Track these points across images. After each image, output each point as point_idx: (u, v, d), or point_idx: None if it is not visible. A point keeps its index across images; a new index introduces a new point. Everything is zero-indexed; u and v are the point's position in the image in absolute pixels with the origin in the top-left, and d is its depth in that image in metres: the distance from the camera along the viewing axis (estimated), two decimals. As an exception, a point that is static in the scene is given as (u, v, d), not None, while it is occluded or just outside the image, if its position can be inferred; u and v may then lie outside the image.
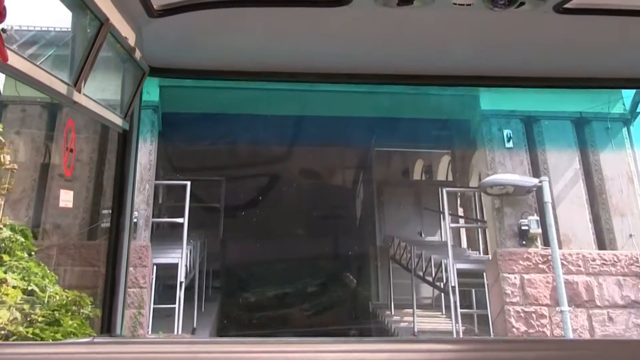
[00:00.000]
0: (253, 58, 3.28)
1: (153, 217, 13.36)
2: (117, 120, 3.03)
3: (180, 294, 12.79)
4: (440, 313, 14.78)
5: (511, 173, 13.64)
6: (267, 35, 2.93)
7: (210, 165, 16.33)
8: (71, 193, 3.72)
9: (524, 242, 13.75)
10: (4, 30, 1.80)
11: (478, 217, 15.97)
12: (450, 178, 17.81)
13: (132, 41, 2.89)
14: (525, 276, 13.58)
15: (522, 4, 2.49)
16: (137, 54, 2.94)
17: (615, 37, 2.78)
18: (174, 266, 12.50)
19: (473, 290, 14.02)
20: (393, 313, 15.32)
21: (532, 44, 2.88)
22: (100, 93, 2.95)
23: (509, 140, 14.10)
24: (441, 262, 13.72)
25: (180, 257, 12.70)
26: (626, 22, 2.68)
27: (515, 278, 13.55)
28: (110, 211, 3.54)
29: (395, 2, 2.61)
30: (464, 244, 16.91)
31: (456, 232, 16.54)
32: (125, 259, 3.37)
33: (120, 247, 3.14)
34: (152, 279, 11.98)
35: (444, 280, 13.64)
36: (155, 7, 2.77)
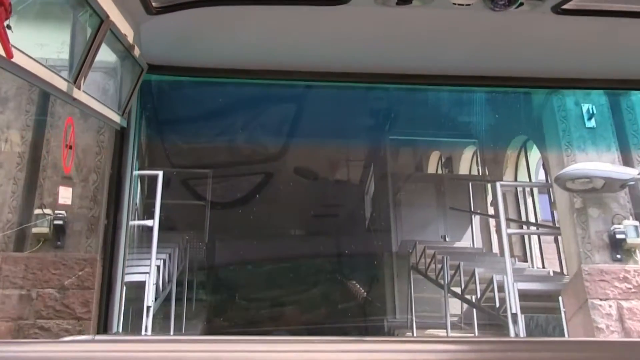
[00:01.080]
0: (251, 56, 3.35)
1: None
2: (115, 117, 3.10)
3: (147, 323, 10.15)
4: (472, 335, 12.26)
5: (595, 161, 10.40)
6: (266, 33, 3.01)
7: (196, 152, 14.09)
8: (70, 190, 3.59)
9: (619, 256, 10.30)
10: (8, 26, 1.86)
11: (524, 219, 13.62)
12: (475, 172, 15.51)
13: (130, 38, 2.99)
14: (624, 304, 10.18)
15: (521, 4, 2.61)
16: (136, 51, 3.03)
17: (612, 39, 2.90)
18: (144, 284, 10.08)
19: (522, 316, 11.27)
20: (415, 335, 13.05)
21: (530, 45, 2.99)
22: (99, 90, 3.00)
23: (590, 118, 10.80)
24: (492, 278, 10.71)
25: (148, 272, 10.12)
26: (623, 24, 2.80)
27: (610, 306, 10.18)
28: (106, 210, 3.55)
29: (395, 1, 2.72)
30: (495, 249, 14.45)
31: (485, 235, 14.63)
32: (122, 257, 3.46)
33: (117, 245, 3.24)
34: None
35: (496, 303, 10.66)
36: (153, 4, 2.88)
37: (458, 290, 11.85)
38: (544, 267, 12.59)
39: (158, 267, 10.35)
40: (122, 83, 3.69)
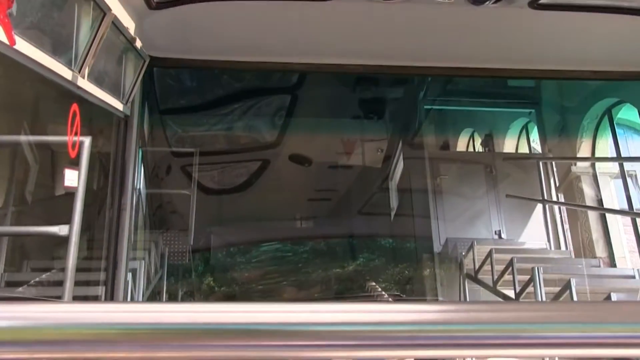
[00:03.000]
0: (247, 48, 3.48)
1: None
2: (119, 105, 3.20)
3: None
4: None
5: None
6: (261, 27, 3.13)
7: (196, 139, 11.09)
8: (76, 172, 3.62)
9: None
10: (11, 14, 1.95)
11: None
12: (524, 149, 12.04)
13: (133, 31, 3.09)
14: None
15: (498, 0, 2.66)
16: (138, 44, 3.14)
17: (585, 32, 3.02)
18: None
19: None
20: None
21: (509, 38, 3.11)
22: (103, 79, 3.11)
23: None
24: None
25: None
26: (596, 18, 2.87)
27: None
28: (111, 193, 3.69)
29: None
30: (564, 247, 10.71)
31: (553, 230, 11.05)
32: (126, 237, 3.56)
33: (122, 226, 3.34)
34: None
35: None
36: (155, -1, 2.97)
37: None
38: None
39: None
40: (126, 73, 3.79)
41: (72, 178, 3.67)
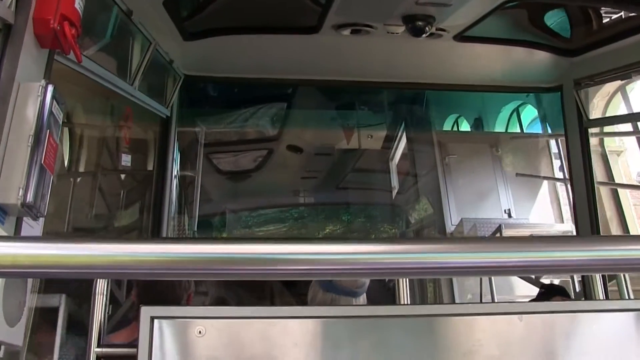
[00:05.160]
0: (256, 68, 3.55)
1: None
2: (161, 108, 3.21)
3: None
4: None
5: None
6: (266, 52, 3.20)
7: (217, 134, 8.40)
8: (130, 156, 3.64)
9: None
10: (78, 40, 1.91)
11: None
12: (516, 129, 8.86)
13: (171, 56, 3.09)
14: None
15: (432, 34, 2.75)
16: (175, 65, 3.14)
17: (492, 56, 3.05)
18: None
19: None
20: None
21: (439, 60, 3.15)
22: (149, 89, 3.13)
23: None
24: None
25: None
26: (498, 47, 2.95)
27: None
28: (156, 173, 3.70)
29: (349, 32, 2.87)
30: (568, 223, 7.32)
31: (556, 206, 7.98)
32: (167, 206, 3.55)
33: (165, 196, 3.33)
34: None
35: None
36: (187, 32, 2.99)
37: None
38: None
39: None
40: (167, 86, 3.79)
41: (127, 160, 3.74)
